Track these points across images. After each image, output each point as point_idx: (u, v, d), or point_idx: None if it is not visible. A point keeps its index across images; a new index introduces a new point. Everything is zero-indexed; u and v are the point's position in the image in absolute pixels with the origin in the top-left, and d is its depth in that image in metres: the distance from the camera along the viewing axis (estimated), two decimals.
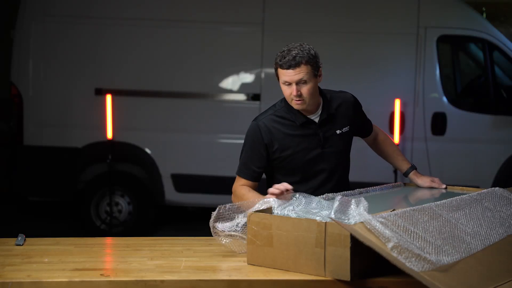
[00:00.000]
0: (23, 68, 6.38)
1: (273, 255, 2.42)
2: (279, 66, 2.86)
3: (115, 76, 6.40)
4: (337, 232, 2.25)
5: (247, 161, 3.04)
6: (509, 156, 6.20)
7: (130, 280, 2.33)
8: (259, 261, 2.46)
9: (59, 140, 6.39)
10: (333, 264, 2.28)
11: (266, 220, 2.43)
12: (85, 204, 6.50)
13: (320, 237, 2.30)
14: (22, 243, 2.78)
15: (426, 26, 6.21)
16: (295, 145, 2.95)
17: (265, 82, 6.33)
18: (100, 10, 6.41)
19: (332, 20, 6.31)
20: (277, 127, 2.96)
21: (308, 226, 2.33)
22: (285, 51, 2.85)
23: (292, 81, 2.83)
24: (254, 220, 2.46)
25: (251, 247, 2.48)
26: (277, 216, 2.45)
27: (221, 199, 7.00)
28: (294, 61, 2.81)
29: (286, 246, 2.38)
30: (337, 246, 2.26)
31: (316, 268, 2.32)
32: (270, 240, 2.42)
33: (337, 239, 2.26)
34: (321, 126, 2.96)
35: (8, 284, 2.30)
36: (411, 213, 2.34)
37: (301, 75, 2.82)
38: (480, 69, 6.76)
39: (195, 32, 6.34)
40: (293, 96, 2.85)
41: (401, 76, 6.28)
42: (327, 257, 2.29)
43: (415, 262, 2.11)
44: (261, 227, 2.44)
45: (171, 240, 2.91)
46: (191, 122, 6.39)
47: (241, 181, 3.04)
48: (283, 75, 2.85)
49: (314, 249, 2.31)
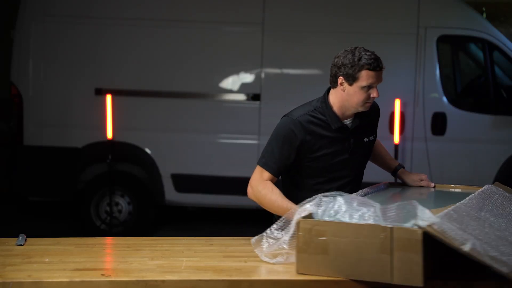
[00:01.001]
0: (23, 68, 6.38)
1: (328, 263, 2.32)
2: (366, 68, 2.74)
3: (115, 76, 6.40)
4: (406, 237, 2.18)
5: (276, 155, 2.88)
6: (509, 156, 6.20)
7: (130, 280, 2.33)
8: (312, 270, 2.35)
9: (59, 140, 6.39)
10: (402, 270, 2.21)
11: (320, 226, 2.32)
12: (85, 204, 6.49)
13: (386, 242, 2.21)
14: (23, 243, 2.78)
15: (426, 26, 6.21)
16: (326, 147, 2.88)
17: (265, 82, 6.33)
18: (100, 10, 6.40)
19: (332, 20, 6.31)
20: (312, 127, 2.86)
21: (371, 231, 2.24)
22: (363, 53, 2.75)
23: (378, 82, 2.78)
24: (305, 227, 2.34)
25: (302, 255, 2.36)
26: (332, 222, 2.33)
27: (221, 199, 7.05)
28: (381, 61, 2.77)
29: (345, 253, 2.29)
30: (407, 251, 2.19)
31: (381, 274, 2.24)
32: (325, 247, 2.31)
33: (406, 244, 2.19)
34: (353, 133, 2.92)
35: (8, 284, 2.30)
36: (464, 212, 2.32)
37: (381, 78, 2.80)
38: (480, 69, 6.76)
39: (195, 32, 6.34)
40: (372, 98, 2.80)
41: (401, 76, 6.28)
42: (394, 263, 2.22)
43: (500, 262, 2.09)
44: (314, 234, 2.32)
45: (172, 240, 2.91)
46: (191, 122, 6.39)
47: (264, 175, 2.89)
48: (369, 77, 2.75)
49: (379, 255, 2.23)
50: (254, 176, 2.92)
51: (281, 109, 3.20)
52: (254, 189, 2.91)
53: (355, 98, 2.81)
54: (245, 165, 6.30)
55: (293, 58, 6.37)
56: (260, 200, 2.88)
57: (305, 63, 6.38)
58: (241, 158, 6.32)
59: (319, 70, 6.28)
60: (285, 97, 6.14)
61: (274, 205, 2.82)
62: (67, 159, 6.41)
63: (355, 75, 2.76)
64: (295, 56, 6.35)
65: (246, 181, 2.95)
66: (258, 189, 2.88)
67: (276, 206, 2.82)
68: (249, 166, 6.26)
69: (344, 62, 2.77)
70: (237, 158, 6.35)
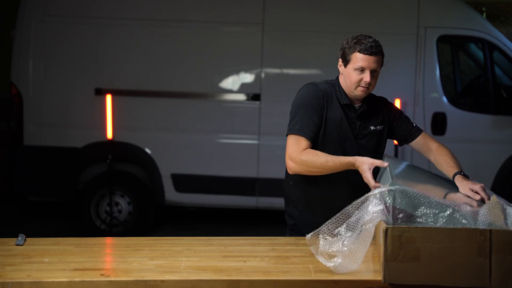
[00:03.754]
0: (23, 68, 6.38)
1: (419, 270, 2.27)
2: (357, 50, 2.87)
3: (115, 76, 6.40)
4: (506, 239, 2.19)
5: (307, 119, 2.88)
6: (509, 156, 6.20)
7: (130, 280, 2.33)
8: (401, 279, 2.29)
9: (59, 140, 6.39)
10: (501, 273, 2.20)
11: (409, 233, 2.27)
12: (85, 204, 6.49)
13: (484, 246, 2.20)
14: (22, 243, 2.78)
15: (426, 26, 6.21)
16: (339, 120, 2.95)
17: (265, 82, 6.33)
18: (100, 10, 6.41)
19: (332, 20, 6.31)
20: (329, 94, 2.97)
21: (468, 235, 2.22)
22: (361, 38, 2.88)
23: (369, 67, 2.86)
24: (394, 234, 2.28)
25: (390, 264, 2.29)
26: (423, 227, 2.30)
27: (221, 199, 7.04)
28: (376, 49, 2.86)
29: (438, 259, 2.26)
30: (507, 254, 2.19)
31: (479, 278, 2.22)
32: (416, 254, 2.27)
33: (507, 247, 2.19)
34: (359, 117, 2.99)
35: (8, 284, 2.29)
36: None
37: (376, 64, 2.88)
38: (480, 69, 6.76)
39: (195, 32, 6.34)
40: (364, 82, 2.87)
41: (401, 76, 6.28)
42: (493, 266, 2.21)
43: None
44: (404, 241, 2.27)
45: (171, 240, 2.91)
46: (191, 122, 6.39)
47: (302, 142, 2.86)
48: (360, 60, 2.86)
49: (476, 259, 2.22)
50: (291, 148, 2.88)
51: (281, 109, 3.21)
52: (297, 160, 2.85)
53: (348, 80, 2.94)
54: (245, 165, 6.33)
55: (293, 58, 6.36)
56: (310, 167, 2.83)
57: (305, 63, 6.38)
58: (241, 158, 6.32)
59: (319, 70, 6.28)
60: (285, 97, 6.11)
61: (329, 165, 2.79)
62: (67, 159, 6.41)
63: (347, 57, 2.92)
64: (295, 56, 6.35)
65: (246, 181, 2.94)
66: (302, 159, 2.84)
67: (332, 165, 2.78)
68: (249, 166, 6.34)
69: (344, 46, 2.96)
70: (237, 158, 6.35)
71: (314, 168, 2.83)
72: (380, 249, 2.35)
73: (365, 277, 2.37)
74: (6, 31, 7.10)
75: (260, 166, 6.25)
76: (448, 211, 2.32)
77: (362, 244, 2.35)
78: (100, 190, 6.48)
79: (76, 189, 6.51)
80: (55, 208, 7.31)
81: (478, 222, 2.26)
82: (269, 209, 6.32)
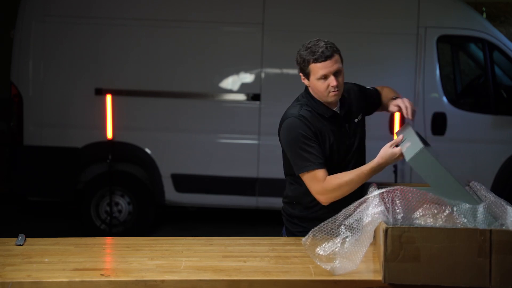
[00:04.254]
0: (23, 68, 6.38)
1: (419, 270, 2.28)
2: (312, 62, 2.85)
3: (115, 76, 6.40)
4: (506, 239, 2.20)
5: (310, 150, 2.84)
6: (509, 156, 6.19)
7: (130, 280, 2.33)
8: (401, 279, 2.30)
9: (59, 140, 6.39)
10: (501, 273, 2.21)
11: (409, 233, 2.28)
12: (85, 204, 6.49)
13: (484, 246, 2.21)
14: (22, 243, 2.78)
15: (426, 26, 6.20)
16: (329, 137, 2.92)
17: (265, 82, 6.33)
18: (100, 10, 6.40)
19: (332, 20, 6.30)
20: (314, 120, 2.91)
21: (468, 235, 2.23)
22: (311, 47, 2.87)
23: (330, 72, 2.84)
24: (394, 234, 2.29)
25: (390, 264, 2.30)
26: (423, 228, 2.31)
27: (221, 199, 7.04)
28: (329, 52, 2.84)
29: (438, 259, 2.27)
30: (506, 254, 2.20)
31: (479, 278, 2.24)
32: (416, 254, 2.28)
33: (507, 247, 2.20)
34: (344, 118, 2.97)
35: (8, 284, 2.30)
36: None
37: (337, 65, 2.85)
38: (480, 69, 6.75)
39: (195, 32, 6.34)
40: (332, 87, 2.84)
41: (401, 76, 6.27)
42: (493, 266, 2.22)
43: None
44: (404, 241, 2.28)
45: (171, 240, 2.91)
46: (191, 122, 6.39)
47: (318, 175, 2.81)
48: (320, 69, 2.83)
49: (476, 259, 2.22)
50: (313, 186, 2.84)
51: (281, 109, 3.20)
52: (326, 192, 2.82)
53: (316, 91, 2.91)
54: (245, 165, 6.33)
55: (293, 58, 6.32)
56: (342, 191, 2.80)
57: None
58: (241, 158, 6.32)
59: None
60: (285, 97, 6.07)
61: (355, 180, 2.79)
62: (67, 159, 6.41)
63: (306, 71, 2.91)
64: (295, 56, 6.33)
65: (246, 181, 2.94)
66: (329, 188, 2.81)
67: (357, 180, 2.78)
68: (249, 166, 6.34)
69: (298, 61, 2.96)
70: (237, 158, 6.34)
71: (346, 190, 2.80)
72: (380, 249, 2.36)
73: (365, 277, 2.37)
74: (6, 31, 7.10)
75: (260, 166, 6.25)
76: (447, 209, 2.35)
77: (361, 245, 2.36)
78: (100, 190, 6.48)
79: (76, 189, 6.51)
80: (55, 208, 7.31)
81: (477, 221, 2.26)
82: (269, 209, 6.31)
